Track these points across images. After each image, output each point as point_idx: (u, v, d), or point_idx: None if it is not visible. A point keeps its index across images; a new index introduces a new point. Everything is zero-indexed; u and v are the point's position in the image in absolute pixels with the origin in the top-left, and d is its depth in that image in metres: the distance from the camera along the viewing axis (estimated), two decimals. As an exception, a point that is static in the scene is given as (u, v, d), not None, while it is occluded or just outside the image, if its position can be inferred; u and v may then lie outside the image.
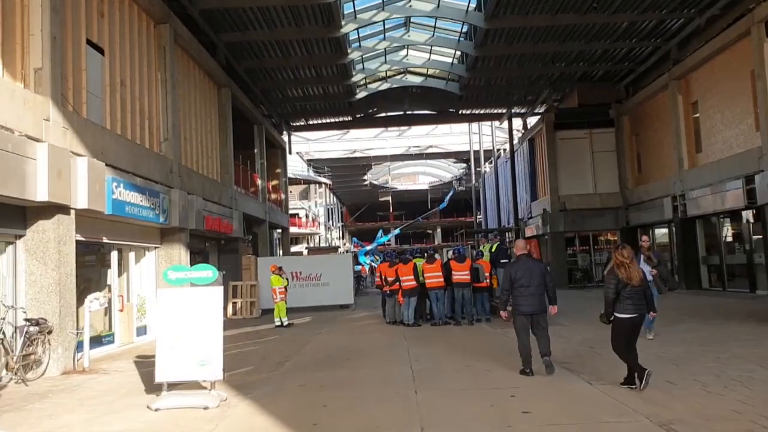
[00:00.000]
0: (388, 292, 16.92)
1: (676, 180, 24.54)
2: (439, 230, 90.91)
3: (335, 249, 48.62)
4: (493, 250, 17.20)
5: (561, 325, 13.78)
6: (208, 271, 8.80)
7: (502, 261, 16.20)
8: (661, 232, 28.34)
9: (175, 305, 8.51)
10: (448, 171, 71.93)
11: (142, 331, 15.76)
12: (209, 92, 22.37)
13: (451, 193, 64.91)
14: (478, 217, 54.78)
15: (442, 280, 15.98)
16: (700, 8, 21.61)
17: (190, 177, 18.86)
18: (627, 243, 8.74)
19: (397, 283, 16.25)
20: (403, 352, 11.84)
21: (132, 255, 16.03)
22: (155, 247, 16.91)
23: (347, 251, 54.41)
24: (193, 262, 18.60)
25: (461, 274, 15.90)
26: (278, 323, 17.62)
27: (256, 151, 28.88)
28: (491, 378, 8.98)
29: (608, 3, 21.26)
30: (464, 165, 65.48)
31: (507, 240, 27.33)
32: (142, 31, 16.58)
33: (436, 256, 17.25)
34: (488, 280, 16.23)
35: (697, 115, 23.71)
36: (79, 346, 11.59)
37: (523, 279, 8.73)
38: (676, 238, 25.28)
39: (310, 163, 63.05)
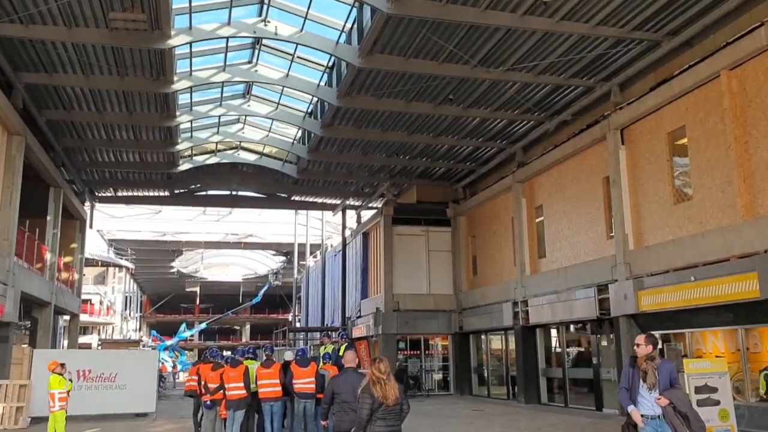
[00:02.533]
0: (208, 402, 13.31)
1: (517, 285, 23.59)
2: (248, 326, 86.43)
3: (136, 343, 42.84)
4: (341, 353, 14.39)
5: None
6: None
7: (350, 367, 13.42)
8: (494, 339, 27.27)
9: None
10: (264, 264, 68.74)
11: None
12: (-6, 137, 17.95)
13: (266, 287, 61.81)
14: (297, 315, 51.71)
15: (280, 389, 12.87)
16: (550, 113, 21.54)
17: (-50, 238, 14.28)
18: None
19: (222, 391, 12.85)
20: (239, 496, 8.47)
21: None
22: None
23: (144, 345, 48.80)
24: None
25: (305, 382, 12.88)
26: (52, 442, 13.19)
27: (49, 218, 23.96)
28: None
29: (464, 96, 20.51)
30: (283, 258, 62.84)
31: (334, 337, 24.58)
32: None
33: (273, 358, 14.05)
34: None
35: (542, 218, 23.19)
36: None
37: (344, 394, 7.89)
38: (516, 348, 24.07)
39: (112, 243, 57.11)
